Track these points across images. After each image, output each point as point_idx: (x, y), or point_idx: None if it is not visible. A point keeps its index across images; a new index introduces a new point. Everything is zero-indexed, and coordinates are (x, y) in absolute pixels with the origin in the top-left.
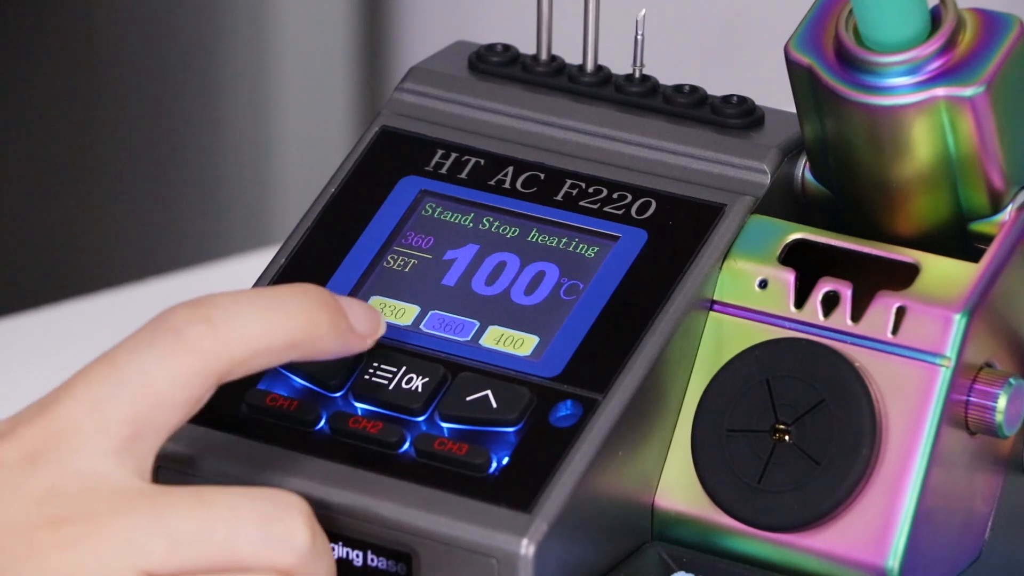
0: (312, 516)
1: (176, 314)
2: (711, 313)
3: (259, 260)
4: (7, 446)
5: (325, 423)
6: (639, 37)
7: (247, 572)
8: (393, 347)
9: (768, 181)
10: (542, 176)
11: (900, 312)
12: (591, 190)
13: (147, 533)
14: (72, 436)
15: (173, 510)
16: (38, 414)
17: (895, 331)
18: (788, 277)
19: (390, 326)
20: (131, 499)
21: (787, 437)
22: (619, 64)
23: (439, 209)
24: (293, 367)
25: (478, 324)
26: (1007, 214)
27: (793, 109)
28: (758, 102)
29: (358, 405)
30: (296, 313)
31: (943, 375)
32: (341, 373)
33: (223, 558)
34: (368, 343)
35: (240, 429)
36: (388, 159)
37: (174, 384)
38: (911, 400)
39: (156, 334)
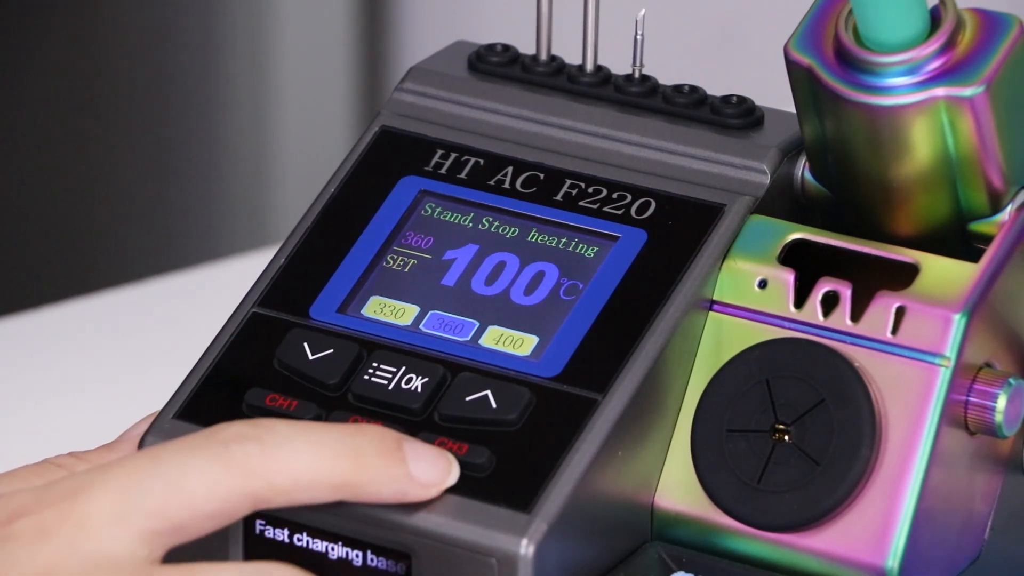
0: None
1: (230, 428)
2: (711, 313)
3: (259, 260)
4: (26, 522)
5: (325, 419)
6: (639, 37)
7: None
8: (393, 347)
9: (768, 181)
10: (542, 176)
11: (900, 312)
12: (591, 190)
13: None
14: (91, 520)
15: None
16: (66, 496)
17: (895, 331)
18: (788, 277)
19: (389, 326)
20: (128, 574)
21: (787, 437)
22: (619, 64)
23: (439, 209)
24: (289, 366)
25: (478, 324)
26: (1007, 214)
27: (793, 109)
28: (758, 102)
29: (358, 405)
30: (348, 453)
31: (943, 375)
32: (341, 373)
33: None
34: (432, 492)
35: None
36: (388, 159)
37: (209, 493)
38: (911, 400)
39: (205, 442)
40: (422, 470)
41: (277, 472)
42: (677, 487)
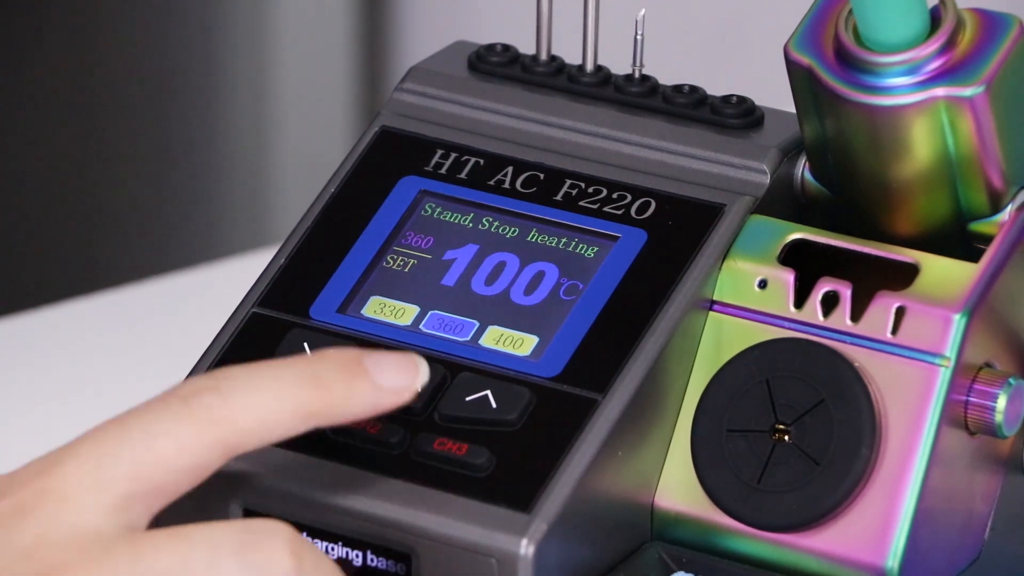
0: (297, 541)
1: (187, 384)
2: (711, 313)
3: (259, 260)
4: (3, 504)
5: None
6: (639, 37)
7: None
8: (393, 347)
9: (768, 181)
10: (542, 176)
11: (900, 312)
12: (591, 190)
13: None
14: (67, 491)
15: (152, 550)
16: (38, 473)
17: (895, 331)
18: (788, 277)
19: (389, 326)
20: (113, 545)
21: (787, 437)
22: (619, 64)
23: (439, 209)
24: None
25: (478, 324)
26: (1007, 214)
27: (793, 109)
28: (758, 102)
29: None
30: (306, 381)
31: (943, 375)
32: None
33: None
34: (406, 396)
35: None
36: (388, 159)
37: (179, 449)
38: (911, 400)
39: (166, 402)
40: (388, 378)
41: (241, 416)
42: (677, 487)
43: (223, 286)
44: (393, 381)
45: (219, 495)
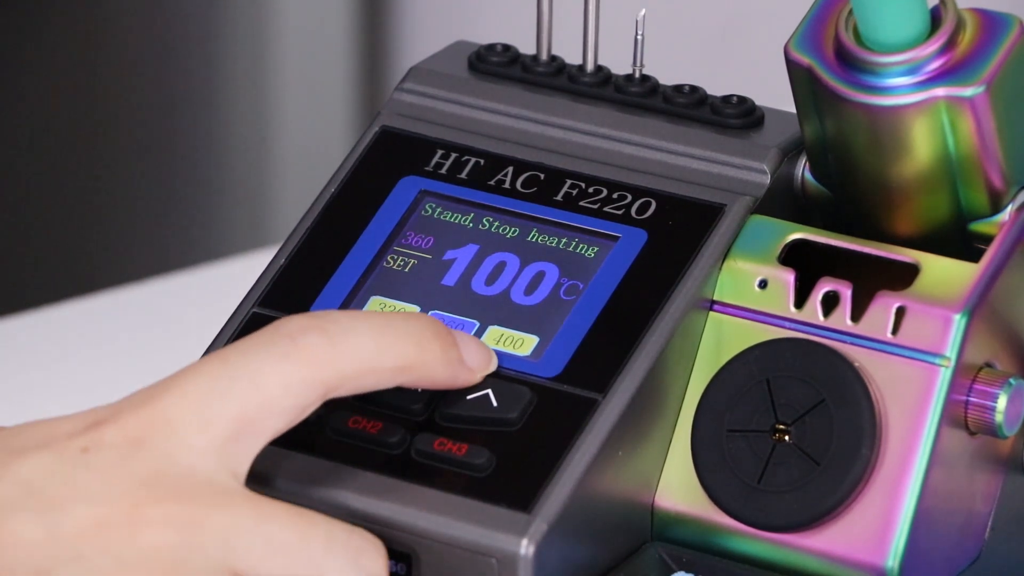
0: (387, 561)
1: (293, 322)
2: (711, 313)
3: (259, 260)
4: (110, 429)
5: (326, 423)
6: (639, 37)
7: None
8: None
9: (768, 181)
10: (542, 176)
11: (900, 312)
12: (591, 190)
13: (248, 534)
14: (176, 428)
15: (274, 516)
16: (144, 403)
17: (895, 331)
18: (788, 277)
19: None
20: (234, 498)
21: (787, 437)
22: (619, 64)
23: (439, 209)
24: None
25: (478, 324)
26: (1007, 214)
27: (793, 109)
28: (758, 102)
29: (358, 405)
30: (408, 337)
31: (943, 375)
32: None
33: (312, 574)
34: (478, 377)
35: None
36: (388, 159)
37: (284, 388)
38: (911, 400)
39: (272, 338)
40: (470, 355)
41: (345, 359)
42: (677, 487)
43: (223, 286)
44: (474, 361)
45: None
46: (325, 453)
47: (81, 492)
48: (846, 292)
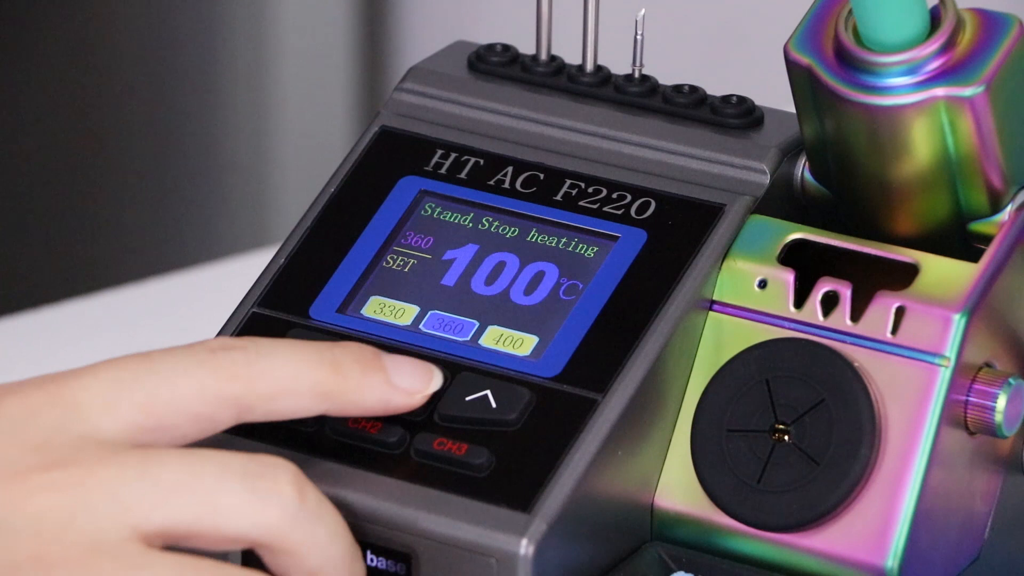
0: (302, 478)
1: (215, 340)
2: (711, 313)
3: (259, 260)
4: (14, 400)
5: (325, 423)
6: (639, 37)
7: (233, 528)
8: (393, 347)
9: (767, 181)
10: (542, 176)
11: (900, 312)
12: (591, 190)
13: (135, 482)
14: (79, 402)
15: (162, 460)
16: (52, 381)
17: (895, 331)
18: (788, 277)
19: (389, 326)
20: (123, 453)
21: (787, 437)
22: (619, 64)
23: (439, 209)
24: None
25: (477, 324)
26: (1007, 214)
27: (793, 109)
28: (758, 102)
29: None
30: (325, 363)
31: (943, 375)
32: None
33: (206, 511)
34: (417, 399)
35: (239, 429)
36: (388, 159)
37: (198, 393)
38: (911, 400)
39: (193, 349)
40: (402, 378)
41: (260, 378)
42: (677, 487)
43: (223, 286)
44: (407, 383)
45: None
46: (325, 453)
47: None
48: (846, 292)
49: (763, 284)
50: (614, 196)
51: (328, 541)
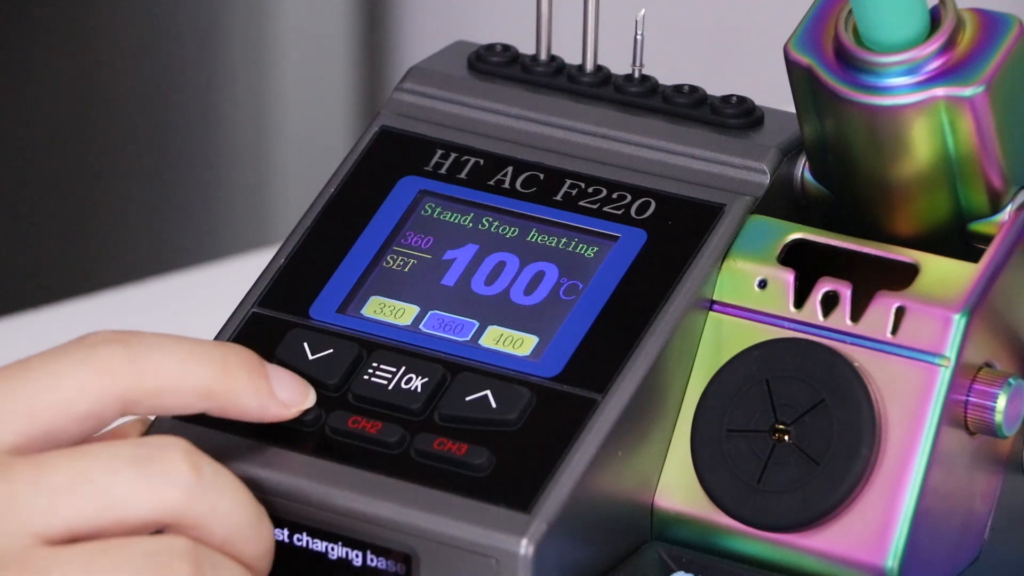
0: (195, 452)
1: (97, 334)
2: (711, 313)
3: (259, 260)
4: None
5: (325, 423)
6: (639, 37)
7: (134, 517)
8: (393, 347)
9: (767, 181)
10: (542, 176)
11: (900, 312)
12: (591, 190)
13: (27, 493)
14: None
15: (50, 465)
16: None
17: (894, 331)
18: (787, 277)
19: (389, 326)
20: (12, 466)
21: (787, 437)
22: (619, 64)
23: (439, 209)
24: (289, 366)
25: (477, 324)
26: (1007, 214)
27: (793, 109)
28: (758, 102)
29: (358, 405)
30: (213, 362)
31: (943, 375)
32: (340, 373)
33: (104, 504)
34: (291, 412)
35: (239, 429)
36: (388, 159)
37: (80, 392)
38: (911, 400)
39: (73, 347)
40: (282, 390)
41: (144, 374)
42: (677, 487)
43: (223, 286)
44: (286, 395)
45: None
46: (325, 453)
47: None
48: (846, 292)
49: (763, 284)
50: (614, 196)
51: (231, 510)
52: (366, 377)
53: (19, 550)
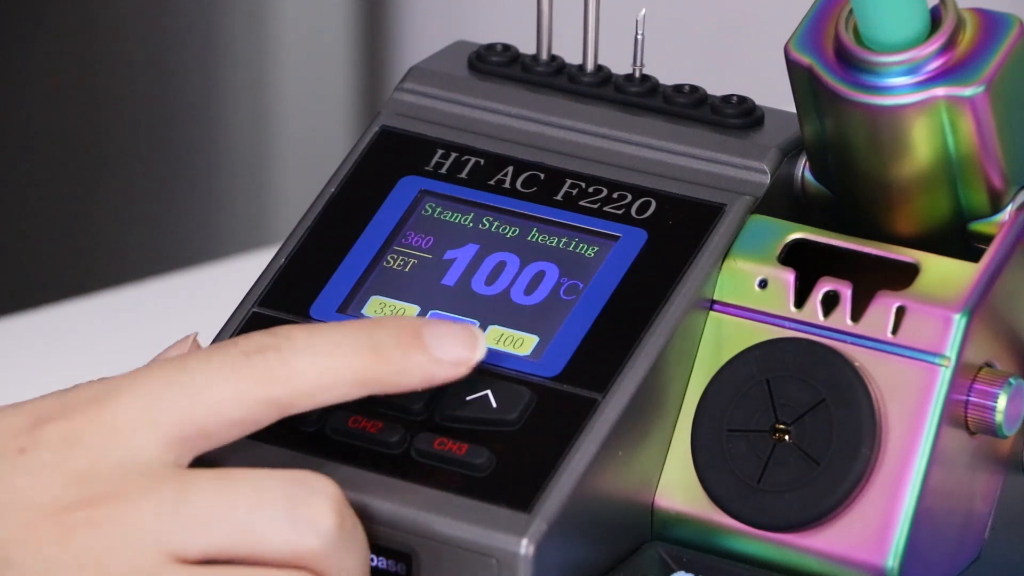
0: (343, 503)
1: (249, 339)
2: (711, 313)
3: (259, 260)
4: (53, 427)
5: (325, 423)
6: (639, 37)
7: (270, 555)
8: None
9: (768, 181)
10: (542, 176)
11: (900, 312)
12: (591, 190)
13: (172, 513)
14: (120, 425)
15: (198, 489)
16: (93, 401)
17: (895, 331)
18: (788, 277)
19: None
20: (160, 480)
21: (787, 437)
22: (619, 64)
23: (439, 209)
24: None
25: (478, 324)
26: (1007, 214)
27: (793, 109)
28: (758, 102)
29: (358, 405)
30: (365, 349)
31: (943, 375)
32: None
33: (245, 538)
34: (462, 370)
35: None
36: (388, 159)
37: (235, 402)
38: (911, 400)
39: (227, 352)
40: (446, 350)
41: (298, 377)
42: (677, 487)
43: (223, 286)
44: (451, 354)
45: None
46: (325, 453)
47: (14, 497)
48: (846, 292)
49: (763, 284)
50: (614, 196)
51: (357, 566)
52: None
53: (152, 565)
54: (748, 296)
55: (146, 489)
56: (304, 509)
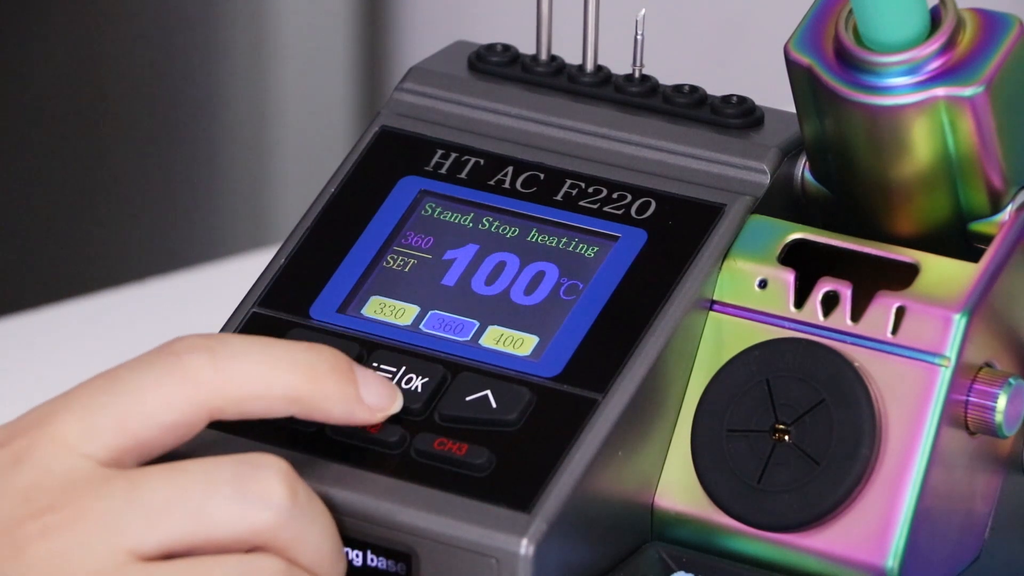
0: (293, 476)
1: (182, 342)
2: (711, 313)
3: (259, 260)
4: (2, 453)
5: (325, 423)
6: (639, 37)
7: (226, 537)
8: (393, 347)
9: (768, 181)
10: (542, 176)
11: (900, 312)
12: (591, 190)
13: (124, 510)
14: (59, 439)
15: (147, 482)
16: (34, 424)
17: (895, 331)
18: (788, 277)
19: (389, 326)
20: (110, 482)
21: (787, 437)
22: (619, 64)
23: (439, 209)
24: None
25: (478, 324)
26: (1007, 214)
27: (793, 109)
28: (758, 102)
29: None
30: (301, 369)
31: (943, 375)
32: None
33: (199, 523)
34: (378, 417)
35: (239, 429)
36: (388, 159)
37: (166, 405)
38: (911, 400)
39: (158, 357)
40: (370, 394)
41: (229, 382)
42: (677, 487)
43: (223, 286)
44: (374, 400)
45: None
46: (325, 453)
47: None
48: (846, 292)
49: (763, 284)
50: (614, 196)
51: (319, 537)
52: None
53: (112, 567)
54: (748, 296)
55: (95, 492)
56: (253, 484)
